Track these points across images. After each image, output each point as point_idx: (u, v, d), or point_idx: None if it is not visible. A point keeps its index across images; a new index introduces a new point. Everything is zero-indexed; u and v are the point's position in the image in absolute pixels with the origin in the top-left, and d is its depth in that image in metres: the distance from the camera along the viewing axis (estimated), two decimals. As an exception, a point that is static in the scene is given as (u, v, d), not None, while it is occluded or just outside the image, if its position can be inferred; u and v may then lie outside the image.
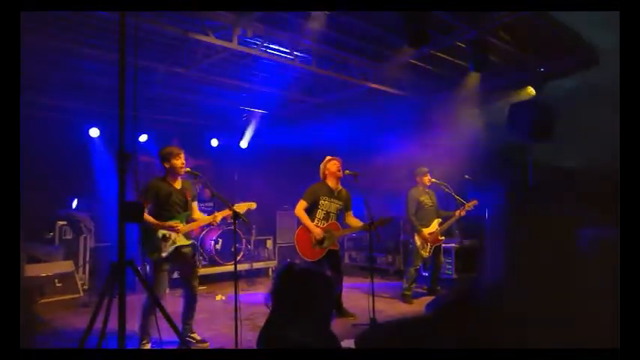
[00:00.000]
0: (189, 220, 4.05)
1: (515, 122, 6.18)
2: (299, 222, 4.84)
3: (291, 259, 6.48)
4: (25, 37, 4.80)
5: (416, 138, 7.68)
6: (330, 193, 4.89)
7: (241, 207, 4.06)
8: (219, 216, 4.12)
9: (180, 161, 3.94)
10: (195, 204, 4.20)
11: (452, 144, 7.25)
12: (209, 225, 4.40)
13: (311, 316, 1.75)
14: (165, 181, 3.95)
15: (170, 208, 3.91)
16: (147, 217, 3.74)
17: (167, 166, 3.94)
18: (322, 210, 4.86)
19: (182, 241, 3.91)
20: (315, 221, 4.86)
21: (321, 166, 4.99)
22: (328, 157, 5.00)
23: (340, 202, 4.95)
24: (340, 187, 4.98)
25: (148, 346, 3.75)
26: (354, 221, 5.02)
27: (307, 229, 4.74)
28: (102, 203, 6.76)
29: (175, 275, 4.34)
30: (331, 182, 4.90)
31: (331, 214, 4.90)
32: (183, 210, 4.01)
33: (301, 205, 4.79)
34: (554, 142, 6.15)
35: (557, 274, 0.90)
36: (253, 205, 4.11)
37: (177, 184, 4.02)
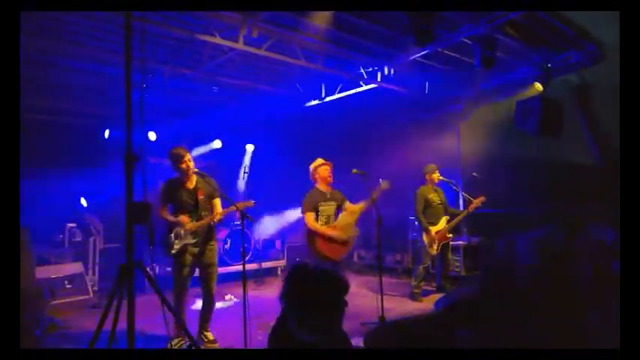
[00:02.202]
0: (199, 219, 4.04)
1: (523, 118, 6.13)
2: (308, 233, 4.69)
3: (301, 259, 6.48)
4: (32, 39, 4.87)
5: (422, 136, 7.64)
6: (324, 197, 4.78)
7: (240, 205, 4.08)
8: (218, 215, 4.10)
9: (185, 165, 3.95)
10: (217, 200, 4.15)
11: (459, 141, 7.21)
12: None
13: (322, 316, 1.74)
14: (176, 182, 4.02)
15: (179, 207, 3.99)
16: (165, 214, 3.96)
17: (177, 168, 4.00)
18: (323, 215, 4.74)
19: (189, 239, 3.94)
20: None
21: (311, 169, 4.85)
22: (319, 161, 4.85)
23: (335, 203, 4.84)
24: (331, 189, 4.86)
25: (183, 346, 3.77)
26: (355, 206, 4.88)
27: (325, 237, 4.62)
28: (111, 204, 6.79)
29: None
30: (322, 186, 4.81)
31: (330, 216, 4.79)
32: (194, 209, 4.01)
33: (310, 217, 4.65)
34: (562, 137, 6.10)
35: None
36: (251, 204, 4.05)
37: (190, 184, 4.04)
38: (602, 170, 5.78)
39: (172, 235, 3.93)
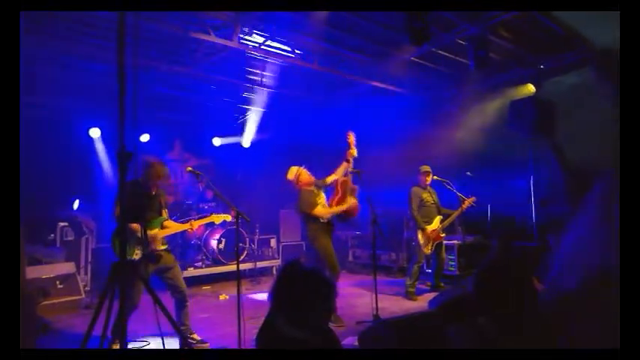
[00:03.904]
0: (163, 225, 4.01)
1: (517, 119, 6.16)
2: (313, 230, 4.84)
3: (290, 259, 6.47)
4: (22, 36, 4.81)
5: (418, 135, 7.65)
6: (316, 193, 4.93)
7: (219, 218, 4.22)
8: (195, 224, 4.12)
9: (156, 183, 3.98)
10: (165, 211, 4.16)
11: (454, 141, 7.24)
12: (213, 225, 4.39)
13: (310, 314, 1.75)
14: (140, 187, 3.92)
15: (145, 211, 3.89)
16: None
17: (149, 179, 3.94)
18: (321, 204, 4.91)
19: (159, 245, 3.90)
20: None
21: (293, 179, 4.92)
22: (295, 170, 4.92)
23: (321, 190, 5.01)
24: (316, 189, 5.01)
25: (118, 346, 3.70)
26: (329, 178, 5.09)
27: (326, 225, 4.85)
28: (103, 204, 6.74)
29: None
30: (309, 187, 4.94)
31: (324, 202, 4.97)
32: (157, 214, 4.01)
33: (320, 209, 4.83)
34: (555, 138, 6.14)
35: None
36: (229, 218, 4.11)
37: (153, 190, 4.04)
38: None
39: (135, 240, 3.77)
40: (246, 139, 9.17)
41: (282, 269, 1.88)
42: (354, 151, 4.90)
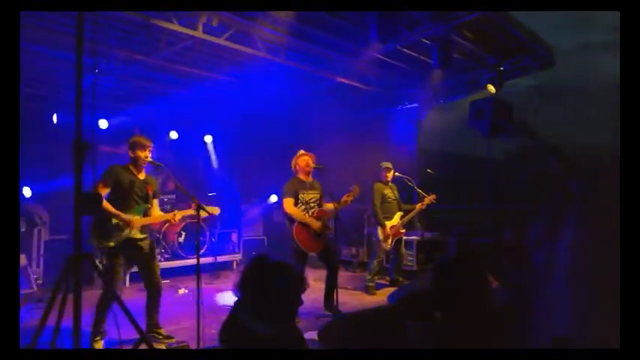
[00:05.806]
0: (147, 213, 3.93)
1: (476, 118, 6.37)
2: (290, 220, 4.73)
3: (257, 253, 6.43)
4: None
5: (381, 132, 7.78)
6: (305, 186, 4.87)
7: (204, 212, 4.03)
8: (179, 215, 4.05)
9: (144, 153, 3.86)
10: (156, 201, 4.09)
11: (416, 138, 7.41)
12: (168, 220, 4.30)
13: (278, 309, 1.74)
14: (127, 170, 3.87)
15: (129, 197, 3.80)
16: (105, 203, 3.61)
17: (132, 155, 3.89)
18: (301, 203, 4.81)
19: (137, 234, 3.78)
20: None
21: (293, 160, 4.96)
22: (299, 153, 4.95)
23: (316, 192, 4.92)
24: (312, 179, 4.96)
25: (101, 344, 3.63)
26: (329, 206, 4.99)
27: (304, 224, 4.70)
28: (58, 193, 6.44)
29: (135, 269, 4.21)
30: (302, 176, 4.90)
31: (310, 203, 4.86)
32: (143, 202, 3.91)
33: (290, 202, 4.70)
34: (512, 138, 6.41)
35: None
36: (217, 211, 3.93)
37: (141, 175, 3.94)
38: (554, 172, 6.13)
39: (114, 225, 3.67)
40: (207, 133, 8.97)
41: (250, 263, 1.84)
42: (349, 201, 4.83)
